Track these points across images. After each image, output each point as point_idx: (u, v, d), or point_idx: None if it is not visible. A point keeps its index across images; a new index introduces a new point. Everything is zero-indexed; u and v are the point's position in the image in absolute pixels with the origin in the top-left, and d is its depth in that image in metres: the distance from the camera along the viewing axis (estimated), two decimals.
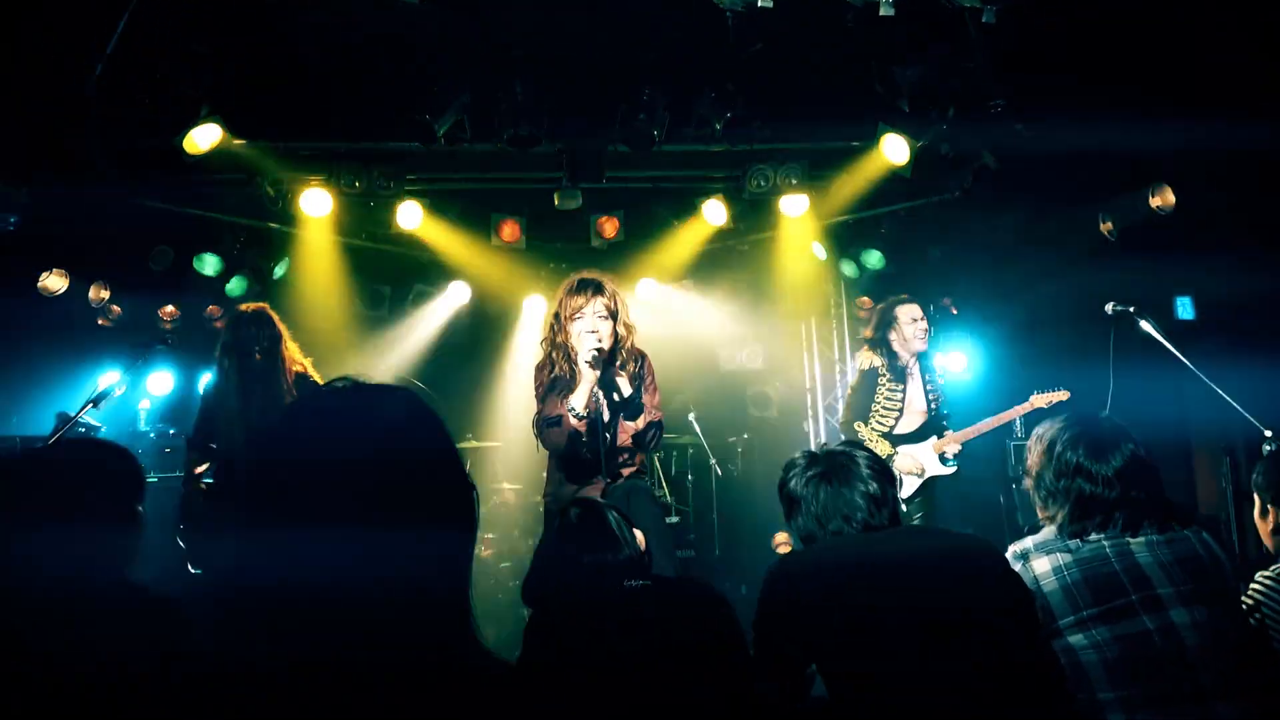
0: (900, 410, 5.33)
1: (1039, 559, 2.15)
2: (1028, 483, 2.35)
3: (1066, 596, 2.08)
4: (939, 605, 1.98)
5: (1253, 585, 2.30)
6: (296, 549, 1.00)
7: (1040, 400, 5.40)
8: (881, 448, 5.20)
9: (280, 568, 1.00)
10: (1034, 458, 2.32)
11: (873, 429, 5.30)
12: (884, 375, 5.34)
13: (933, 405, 5.41)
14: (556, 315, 4.07)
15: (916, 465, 5.27)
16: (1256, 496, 2.38)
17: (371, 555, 1.00)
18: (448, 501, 1.10)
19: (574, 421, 3.85)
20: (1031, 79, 5.44)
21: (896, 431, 5.32)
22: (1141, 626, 2.02)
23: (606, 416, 3.94)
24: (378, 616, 1.00)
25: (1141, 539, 2.13)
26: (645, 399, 4.09)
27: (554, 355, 4.05)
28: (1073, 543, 2.15)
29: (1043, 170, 5.96)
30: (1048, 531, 2.22)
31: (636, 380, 4.05)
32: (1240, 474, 6.21)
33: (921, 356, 5.44)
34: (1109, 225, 6.25)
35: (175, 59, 5.01)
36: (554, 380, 4.03)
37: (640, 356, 4.15)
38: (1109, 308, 4.26)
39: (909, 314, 5.38)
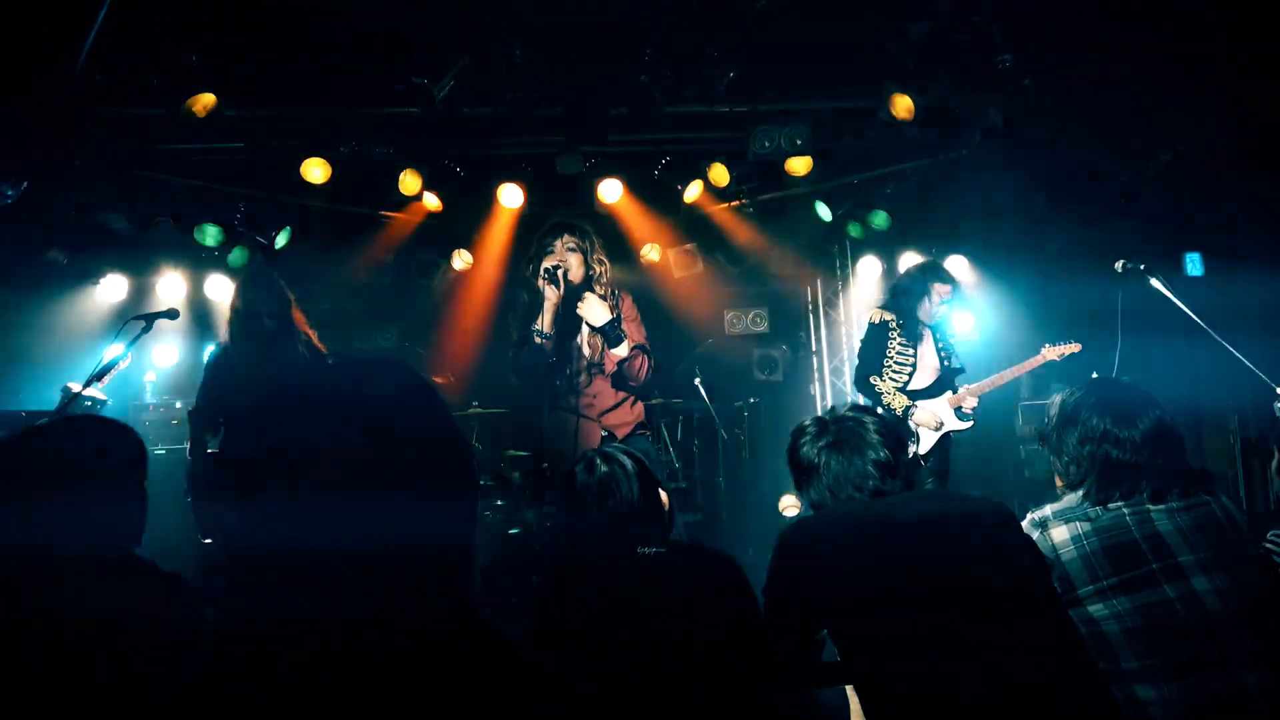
0: (913, 366, 5.33)
1: (1058, 527, 2.13)
2: (1043, 448, 2.32)
3: (1085, 565, 2.06)
4: (951, 570, 1.96)
5: (1265, 544, 2.28)
6: (297, 516, 1.02)
7: (1052, 353, 5.38)
8: (898, 401, 5.22)
9: (281, 535, 1.02)
10: (1055, 423, 2.28)
11: (888, 382, 5.30)
12: (895, 331, 5.34)
13: (945, 362, 5.41)
14: (531, 259, 4.21)
15: (934, 419, 5.27)
16: (1276, 450, 2.36)
17: (370, 521, 1.02)
18: (443, 468, 1.11)
19: (539, 340, 3.89)
20: (1039, 34, 5.34)
21: (910, 387, 5.31)
22: (1163, 595, 2.01)
23: (581, 339, 4.03)
24: (379, 580, 1.03)
25: (1162, 506, 2.11)
26: (628, 327, 4.19)
27: (525, 292, 4.16)
28: (1092, 511, 2.13)
29: (1050, 127, 5.88)
30: (1069, 499, 2.20)
31: (615, 311, 4.14)
32: (1249, 431, 6.20)
33: (936, 323, 5.47)
34: (1119, 181, 6.17)
35: (169, 27, 4.93)
36: (524, 313, 4.16)
37: (618, 294, 4.25)
38: (1118, 265, 4.21)
39: (940, 294, 5.37)
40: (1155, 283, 4.14)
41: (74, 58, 4.78)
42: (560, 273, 3.99)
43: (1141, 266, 4.15)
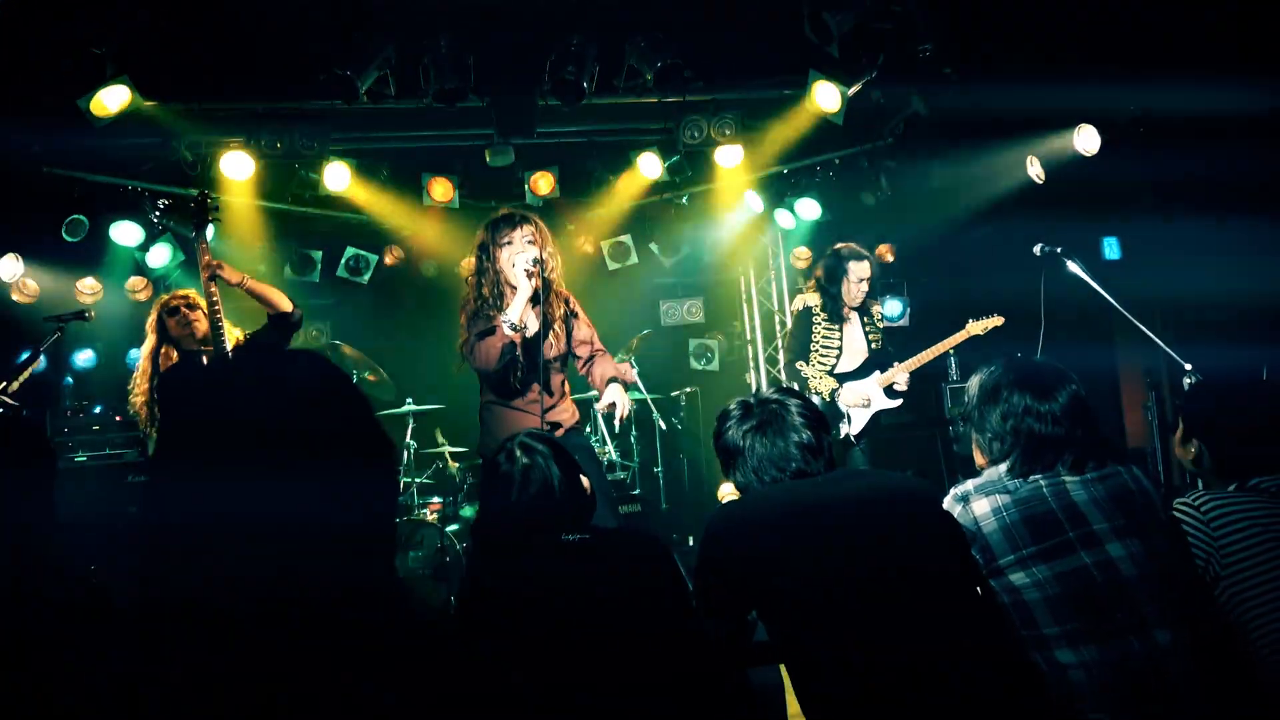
0: (839, 349, 5.44)
1: (979, 500, 2.19)
2: (965, 426, 2.37)
3: (1006, 536, 2.13)
4: (874, 547, 2.01)
5: (1173, 511, 2.37)
6: (216, 494, 1.08)
7: (976, 327, 5.51)
8: (825, 384, 5.32)
9: (199, 510, 1.08)
10: (976, 402, 2.33)
11: (815, 367, 5.39)
12: (819, 315, 5.47)
13: (873, 345, 5.52)
14: (484, 246, 4.10)
15: (861, 397, 5.38)
16: (1181, 424, 2.45)
17: (284, 497, 1.07)
18: (357, 447, 1.17)
19: (508, 332, 3.86)
20: (960, 22, 5.46)
21: (837, 370, 5.41)
22: (1080, 562, 2.07)
23: (541, 335, 4.02)
24: (294, 553, 1.08)
25: (1078, 477, 2.18)
26: (580, 328, 4.21)
27: (483, 283, 4.05)
28: (1011, 484, 2.19)
29: (972, 115, 6.02)
30: (989, 473, 2.26)
31: (569, 319, 4.15)
32: (1165, 409, 6.43)
33: (860, 305, 5.56)
34: (1036, 168, 6.34)
35: (77, 14, 4.75)
36: (481, 305, 4.04)
37: (566, 298, 4.24)
38: (1037, 249, 4.33)
39: (858, 272, 5.48)
40: (1073, 266, 4.27)
41: None
42: (538, 266, 3.93)
43: (1059, 250, 4.27)
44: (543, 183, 6.84)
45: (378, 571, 1.12)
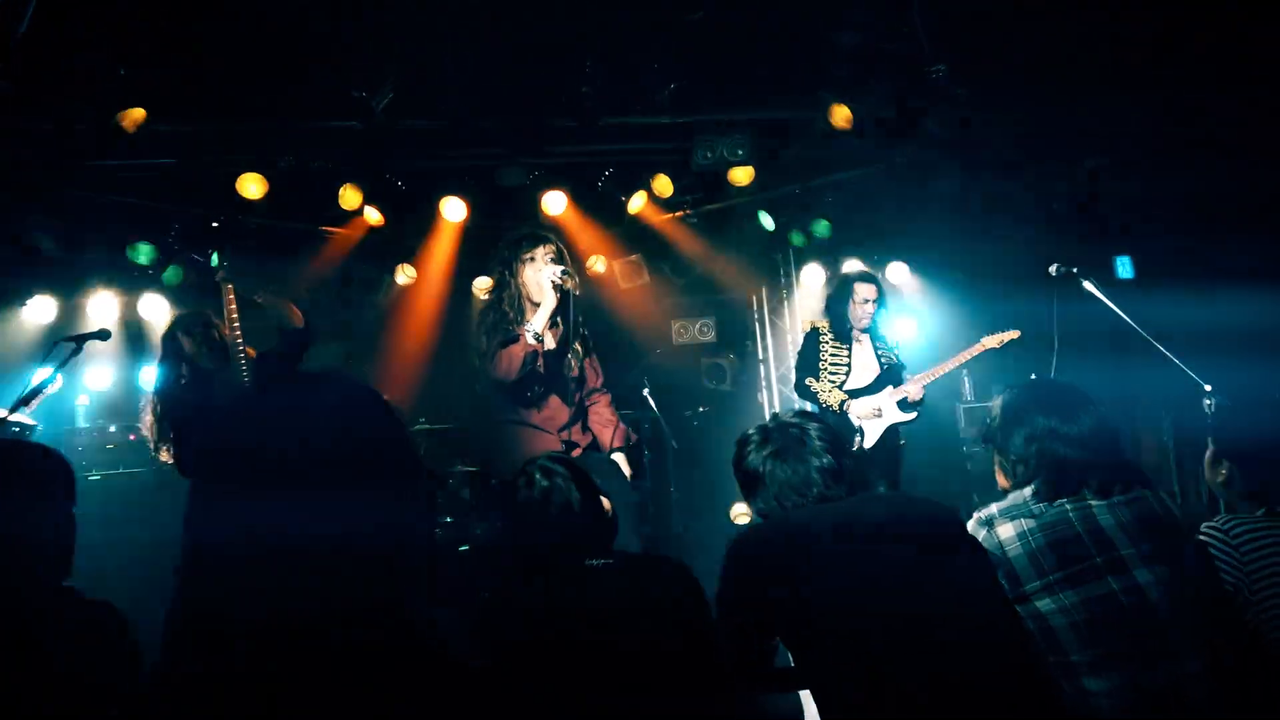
0: (848, 367, 5.43)
1: (1003, 525, 2.16)
2: (987, 448, 2.35)
3: (1031, 561, 2.10)
4: (899, 572, 1.98)
5: (1200, 535, 2.35)
6: (253, 519, 1.07)
7: (991, 341, 5.50)
8: (834, 397, 5.30)
9: (237, 536, 1.07)
10: (999, 424, 2.31)
11: (824, 382, 5.38)
12: (825, 335, 5.48)
13: (884, 363, 5.50)
14: (506, 262, 4.14)
15: (872, 409, 5.34)
16: (1211, 446, 2.42)
17: (322, 523, 1.07)
18: (393, 474, 1.17)
19: (530, 340, 3.85)
20: (969, 45, 5.47)
21: (847, 387, 5.39)
22: (1108, 588, 2.05)
23: (560, 353, 4.04)
24: (328, 578, 1.08)
25: (1104, 501, 2.15)
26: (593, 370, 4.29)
27: (504, 298, 4.07)
28: (1036, 507, 2.17)
29: (985, 135, 6.02)
30: (1014, 497, 2.23)
31: (586, 348, 4.25)
32: (1182, 430, 6.39)
33: (870, 327, 5.55)
34: (1051, 188, 6.34)
35: (95, 38, 4.80)
36: (501, 319, 4.06)
37: (584, 334, 4.32)
38: (1052, 269, 4.33)
39: (863, 293, 5.48)
40: (1088, 285, 4.26)
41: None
42: (565, 277, 4.01)
43: (1074, 270, 4.26)
44: (554, 202, 6.85)
45: (411, 596, 1.12)
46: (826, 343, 5.49)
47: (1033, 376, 5.06)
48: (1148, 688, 1.96)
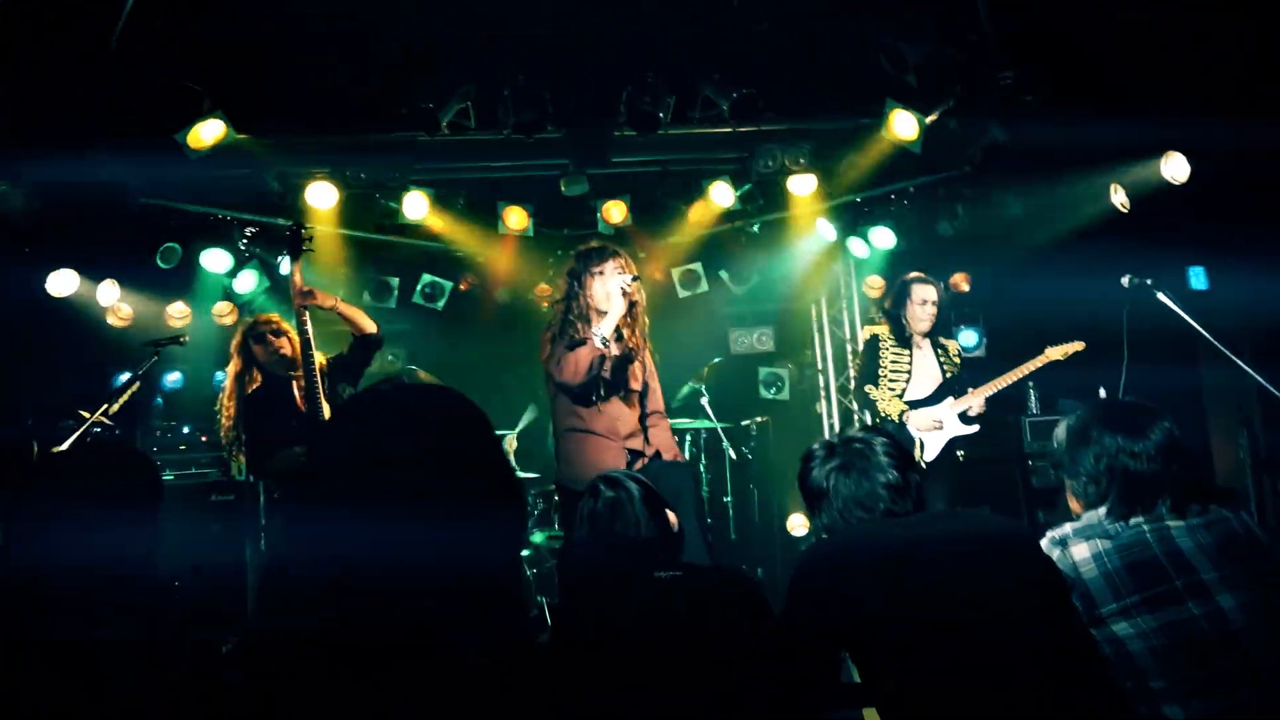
0: (909, 374, 5.36)
1: (1078, 545, 2.12)
2: (1058, 472, 2.31)
3: (1108, 583, 2.06)
4: (969, 591, 1.95)
5: None
6: (350, 532, 1.09)
7: (1055, 352, 5.40)
8: (893, 407, 5.24)
9: (334, 548, 1.09)
10: (1066, 446, 2.28)
11: (884, 390, 5.32)
12: (886, 341, 5.42)
13: (947, 373, 5.42)
14: (575, 274, 4.23)
15: (933, 421, 5.27)
16: None
17: (420, 538, 1.08)
18: (493, 488, 1.18)
19: (599, 345, 3.94)
20: (1040, 51, 5.38)
21: (908, 396, 5.32)
22: (1188, 613, 2.00)
23: (624, 360, 4.14)
24: (424, 593, 1.08)
25: (1182, 523, 2.10)
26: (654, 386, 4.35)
27: (572, 308, 4.16)
28: (1112, 528, 2.12)
29: (1053, 143, 5.90)
30: (1089, 517, 2.19)
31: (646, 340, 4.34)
32: (1258, 445, 6.18)
33: (931, 334, 5.48)
34: (1121, 197, 6.18)
35: (176, 52, 4.98)
36: (567, 325, 4.14)
37: (648, 347, 4.40)
38: (1125, 280, 4.23)
39: (921, 295, 5.41)
40: (1162, 297, 4.15)
41: (81, 86, 4.83)
42: (636, 283, 4.15)
43: (1149, 281, 4.16)
44: (615, 211, 6.89)
45: (504, 615, 1.13)
46: (887, 349, 5.43)
47: (1101, 392, 4.95)
48: (1231, 715, 1.91)
